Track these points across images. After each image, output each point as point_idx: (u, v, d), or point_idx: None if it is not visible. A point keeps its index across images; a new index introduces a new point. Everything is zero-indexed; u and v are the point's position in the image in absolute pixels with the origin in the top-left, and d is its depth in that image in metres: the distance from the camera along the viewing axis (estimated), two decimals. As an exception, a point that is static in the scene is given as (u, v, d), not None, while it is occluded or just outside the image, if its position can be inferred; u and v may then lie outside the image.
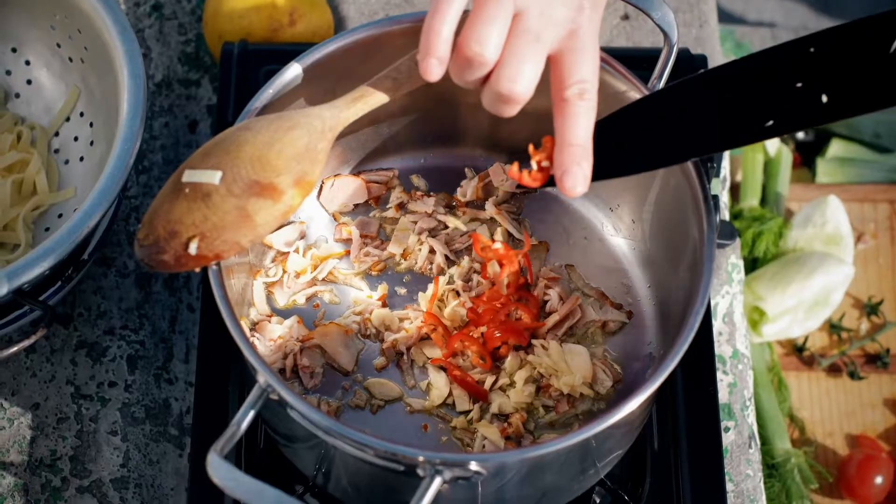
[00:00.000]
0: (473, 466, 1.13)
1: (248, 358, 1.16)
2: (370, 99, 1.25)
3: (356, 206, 1.44)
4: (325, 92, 1.31)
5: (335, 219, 1.44)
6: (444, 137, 1.45)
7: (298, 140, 1.22)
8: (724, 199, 1.67)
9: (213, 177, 1.19)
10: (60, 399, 1.49)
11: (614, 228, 1.43)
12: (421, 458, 1.12)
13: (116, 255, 1.57)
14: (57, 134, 1.54)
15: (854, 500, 2.10)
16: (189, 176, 1.20)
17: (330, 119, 1.23)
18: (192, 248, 1.18)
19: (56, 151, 1.54)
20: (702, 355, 1.41)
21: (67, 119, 1.53)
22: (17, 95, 1.56)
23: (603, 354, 1.36)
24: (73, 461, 1.46)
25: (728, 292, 1.59)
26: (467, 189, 1.44)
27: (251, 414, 1.16)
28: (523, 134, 1.42)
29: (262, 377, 1.15)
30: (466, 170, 1.47)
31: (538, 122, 1.39)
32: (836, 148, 2.36)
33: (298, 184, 1.21)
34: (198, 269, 1.20)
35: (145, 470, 1.46)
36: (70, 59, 1.51)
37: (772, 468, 2.06)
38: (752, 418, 1.52)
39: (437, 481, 1.13)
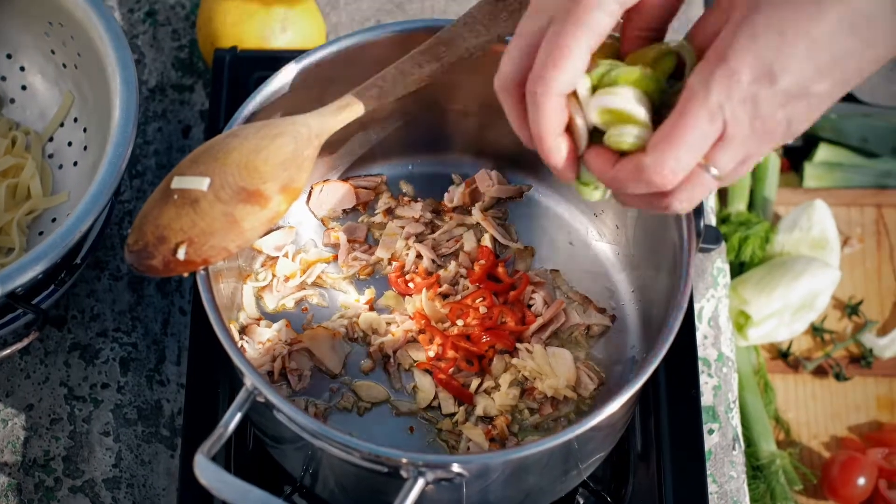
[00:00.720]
0: (456, 468, 1.15)
1: (234, 360, 1.18)
2: (356, 107, 1.27)
3: (345, 211, 1.47)
4: (312, 100, 1.32)
5: (324, 224, 1.46)
6: (431, 144, 1.47)
7: (285, 147, 1.24)
8: (711, 203, 1.69)
9: (202, 183, 1.21)
10: (54, 400, 1.51)
11: (599, 233, 1.45)
12: (404, 460, 1.14)
13: (110, 259, 1.59)
14: (51, 139, 1.56)
15: (837, 500, 2.11)
16: (178, 182, 1.22)
17: (316, 126, 1.25)
18: (181, 254, 1.20)
19: (50, 156, 1.56)
20: (685, 359, 1.42)
21: (61, 124, 1.55)
22: (12, 101, 1.58)
23: (586, 358, 1.38)
24: (66, 461, 1.48)
25: (713, 296, 1.61)
26: (454, 195, 1.46)
27: (238, 416, 1.18)
28: (509, 140, 1.44)
29: (249, 380, 1.17)
30: (453, 176, 1.49)
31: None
32: (823, 153, 2.38)
33: (285, 190, 1.23)
34: (186, 274, 1.22)
35: (137, 470, 1.48)
36: (64, 66, 1.53)
37: (757, 469, 2.08)
38: (736, 420, 1.54)
39: (420, 482, 1.15)
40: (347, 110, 1.27)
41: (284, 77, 1.34)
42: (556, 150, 1.06)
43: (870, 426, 2.18)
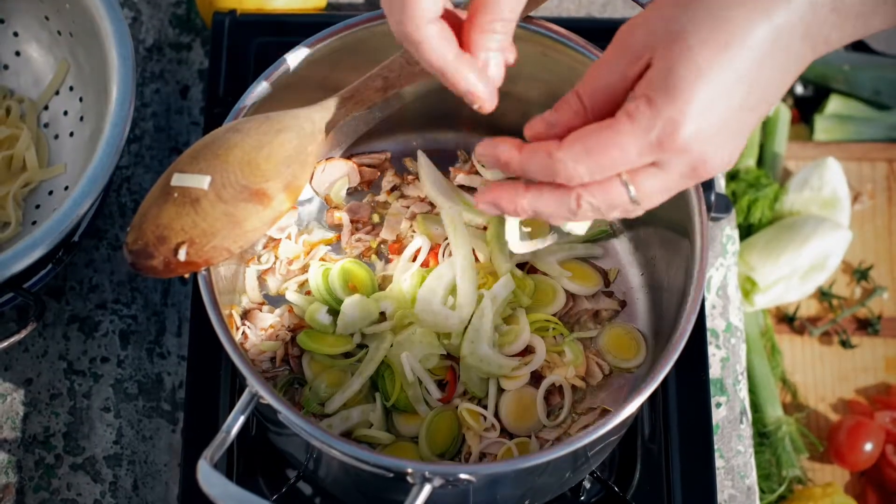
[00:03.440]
0: (463, 476, 1.13)
1: (239, 368, 1.15)
2: (361, 99, 1.23)
3: (349, 190, 1.43)
4: (316, 86, 1.29)
5: (327, 202, 1.42)
6: (436, 120, 1.43)
7: (288, 143, 1.20)
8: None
9: (202, 182, 1.18)
10: (53, 375, 1.49)
11: (607, 214, 1.42)
12: (410, 470, 1.13)
13: (108, 228, 1.56)
14: (46, 108, 1.52)
15: (843, 465, 2.11)
16: (178, 180, 1.18)
17: (320, 121, 1.22)
18: (182, 255, 1.17)
19: (45, 126, 1.52)
20: (693, 348, 1.40)
21: (57, 93, 1.52)
22: (6, 67, 1.54)
23: (595, 344, 1.36)
24: (67, 438, 1.47)
25: (722, 264, 1.58)
26: (459, 173, 1.42)
27: (241, 419, 1.16)
28: (515, 117, 1.41)
29: (254, 388, 1.14)
30: (459, 153, 1.45)
31: (529, 107, 1.38)
32: (834, 104, 2.34)
33: (288, 188, 1.20)
34: (187, 276, 1.19)
35: (138, 446, 1.47)
36: (59, 33, 1.49)
37: (763, 436, 2.07)
38: (744, 393, 1.52)
39: (427, 488, 1.13)
40: (352, 102, 1.23)
41: (286, 65, 1.29)
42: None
43: (878, 388, 2.16)
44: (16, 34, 1.53)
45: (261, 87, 1.27)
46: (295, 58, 1.29)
